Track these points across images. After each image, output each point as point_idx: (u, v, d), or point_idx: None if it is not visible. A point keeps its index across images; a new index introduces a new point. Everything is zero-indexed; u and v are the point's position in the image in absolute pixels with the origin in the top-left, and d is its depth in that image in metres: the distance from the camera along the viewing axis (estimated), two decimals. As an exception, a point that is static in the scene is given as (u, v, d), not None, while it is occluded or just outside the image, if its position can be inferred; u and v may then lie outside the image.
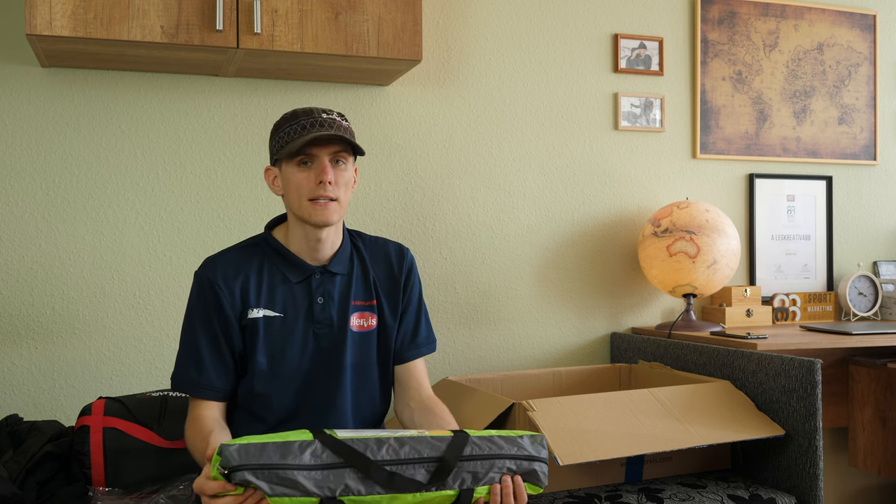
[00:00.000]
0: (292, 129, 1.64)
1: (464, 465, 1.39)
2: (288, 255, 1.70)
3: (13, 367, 2.25)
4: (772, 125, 3.03)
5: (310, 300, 1.70)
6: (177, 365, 1.69)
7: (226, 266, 1.69)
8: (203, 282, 1.68)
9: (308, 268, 1.70)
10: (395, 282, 1.79)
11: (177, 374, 1.68)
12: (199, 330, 1.67)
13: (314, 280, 1.70)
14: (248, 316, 1.67)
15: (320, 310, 1.70)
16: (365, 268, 1.77)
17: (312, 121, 1.63)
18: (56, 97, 2.28)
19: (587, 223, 2.81)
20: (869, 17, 3.17)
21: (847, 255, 3.16)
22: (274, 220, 1.79)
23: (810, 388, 2.04)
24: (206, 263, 1.70)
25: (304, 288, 1.70)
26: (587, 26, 2.80)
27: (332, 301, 1.71)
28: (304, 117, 1.64)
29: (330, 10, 2.18)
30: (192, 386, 1.65)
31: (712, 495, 2.03)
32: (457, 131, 2.66)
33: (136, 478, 1.92)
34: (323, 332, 1.69)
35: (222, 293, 1.66)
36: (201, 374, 1.65)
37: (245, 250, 1.72)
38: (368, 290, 1.76)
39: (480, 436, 1.43)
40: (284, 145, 1.64)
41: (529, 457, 1.44)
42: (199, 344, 1.66)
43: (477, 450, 1.41)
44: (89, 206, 2.31)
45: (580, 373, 2.57)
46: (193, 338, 1.67)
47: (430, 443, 1.39)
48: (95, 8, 2.00)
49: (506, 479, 1.41)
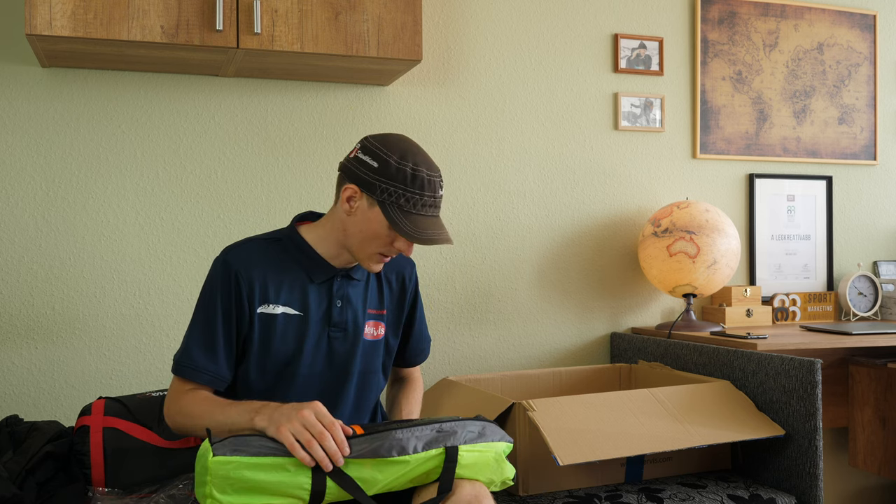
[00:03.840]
0: (421, 201, 1.58)
1: (442, 425, 1.51)
2: (314, 256, 1.68)
3: (13, 367, 2.25)
4: (772, 125, 3.03)
5: (329, 302, 1.68)
6: (186, 349, 1.63)
7: (248, 256, 1.66)
8: (225, 269, 1.64)
9: (331, 269, 1.68)
10: (403, 294, 1.81)
11: (185, 360, 1.62)
12: (219, 319, 1.62)
13: (336, 283, 1.69)
14: (265, 310, 1.64)
15: (338, 313, 1.69)
16: (379, 277, 1.78)
17: (435, 202, 1.60)
18: (56, 97, 2.28)
19: (587, 223, 2.81)
20: (869, 17, 3.17)
21: (847, 255, 3.16)
22: (301, 215, 1.75)
23: (810, 388, 2.04)
24: (229, 251, 1.66)
25: (324, 289, 1.68)
26: (587, 26, 2.80)
27: (349, 305, 1.70)
28: (429, 194, 1.59)
29: (330, 10, 2.18)
30: (203, 374, 1.62)
31: (712, 495, 2.03)
32: (457, 131, 2.66)
33: (136, 478, 1.92)
34: (337, 336, 1.69)
35: (243, 282, 1.63)
36: (215, 363, 1.62)
37: (268, 243, 1.69)
38: (381, 299, 1.77)
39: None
40: (404, 209, 1.57)
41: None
42: (216, 332, 1.62)
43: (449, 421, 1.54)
44: (89, 206, 2.31)
45: (580, 373, 2.57)
46: (211, 326, 1.63)
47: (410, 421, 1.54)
48: (95, 8, 2.00)
49: None
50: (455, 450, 1.49)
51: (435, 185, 1.59)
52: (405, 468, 1.47)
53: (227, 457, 1.38)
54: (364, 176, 1.58)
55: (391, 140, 1.61)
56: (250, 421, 1.46)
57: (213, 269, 1.66)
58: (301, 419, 1.41)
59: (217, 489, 1.37)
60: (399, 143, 1.60)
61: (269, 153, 2.47)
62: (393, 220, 1.57)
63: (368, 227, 1.60)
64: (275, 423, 1.42)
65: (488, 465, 1.54)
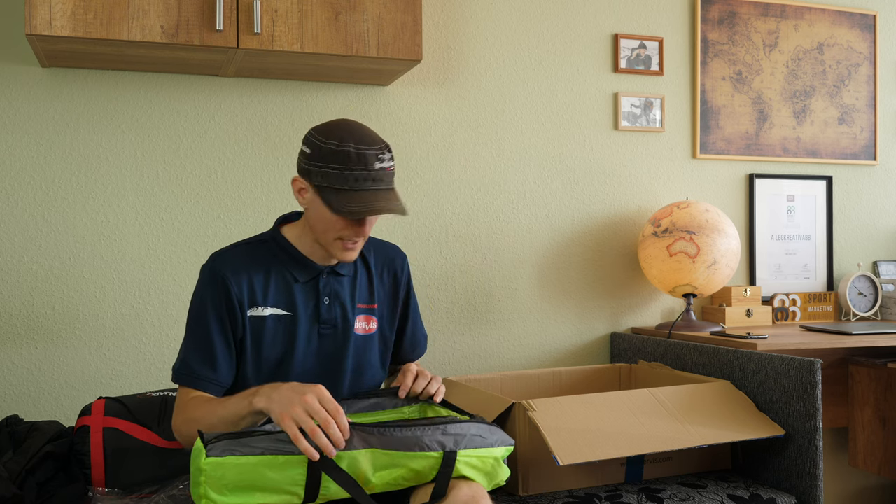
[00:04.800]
0: (352, 175, 1.54)
1: (446, 427, 1.50)
2: (297, 255, 1.69)
3: (13, 367, 2.25)
4: (772, 125, 3.03)
5: (316, 300, 1.69)
6: (183, 360, 1.64)
7: (235, 261, 1.66)
8: (213, 275, 1.65)
9: (316, 268, 1.70)
10: (396, 288, 1.81)
11: (184, 368, 1.63)
12: (212, 325, 1.63)
13: (321, 280, 1.70)
14: (255, 313, 1.65)
15: (326, 310, 1.70)
16: (369, 270, 1.78)
17: (369, 174, 1.54)
18: (56, 97, 2.28)
19: (587, 223, 2.81)
20: (869, 17, 3.17)
21: (847, 255, 3.16)
22: (285, 216, 1.76)
23: (810, 388, 2.04)
24: (215, 257, 1.67)
25: (311, 287, 1.69)
26: (587, 26, 2.80)
27: (337, 301, 1.71)
28: (360, 167, 1.54)
29: (330, 10, 2.18)
30: (203, 382, 1.62)
31: (712, 495, 2.03)
32: (457, 131, 2.66)
33: (136, 478, 1.92)
34: (327, 332, 1.70)
35: (232, 287, 1.63)
36: (215, 370, 1.62)
37: (253, 247, 1.70)
38: (371, 292, 1.77)
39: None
40: (336, 187, 1.54)
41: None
42: (212, 340, 1.63)
43: (451, 423, 1.53)
44: (89, 206, 2.31)
45: (580, 373, 2.56)
46: (205, 333, 1.63)
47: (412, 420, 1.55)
48: (95, 8, 2.00)
49: None
50: (453, 455, 1.49)
51: (366, 158, 1.54)
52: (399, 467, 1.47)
53: (220, 458, 1.38)
54: (304, 165, 1.60)
55: (329, 126, 1.59)
56: (249, 405, 1.46)
57: (202, 277, 1.67)
58: (304, 405, 1.39)
59: (212, 489, 1.38)
60: (334, 128, 1.58)
61: (269, 153, 2.47)
62: (328, 201, 1.55)
63: (319, 215, 1.60)
64: (276, 405, 1.41)
65: (485, 470, 1.55)
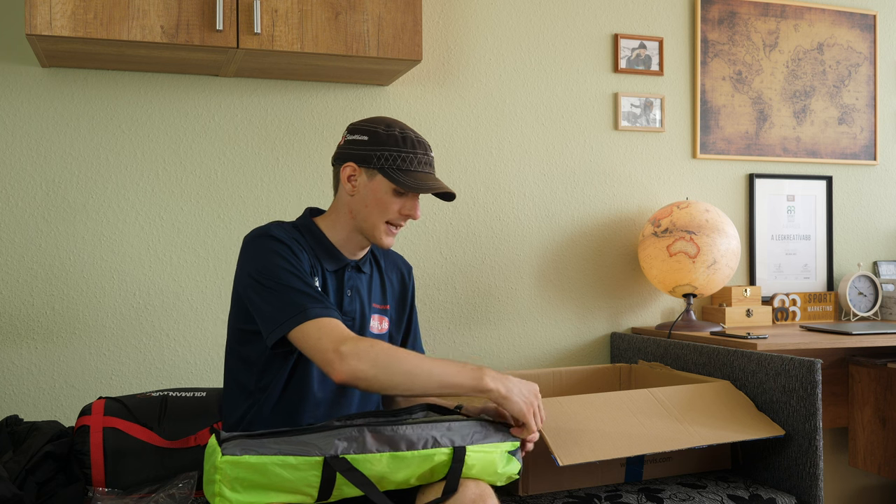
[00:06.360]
0: (416, 159, 1.68)
1: (450, 424, 1.53)
2: (328, 245, 1.73)
3: (13, 367, 2.25)
4: (772, 125, 3.03)
5: (340, 291, 1.73)
6: (295, 303, 1.55)
7: (286, 234, 1.67)
8: (276, 240, 1.63)
9: (344, 259, 1.74)
10: (404, 293, 1.89)
11: (310, 302, 1.56)
12: (301, 270, 1.60)
13: (347, 273, 1.74)
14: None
15: (348, 302, 1.74)
16: (381, 272, 1.85)
17: (428, 160, 1.71)
18: (56, 97, 2.28)
19: (587, 223, 2.81)
20: (869, 17, 3.17)
21: (847, 255, 3.16)
22: (313, 209, 1.81)
23: (810, 388, 2.04)
24: (270, 227, 1.66)
25: (336, 278, 1.74)
26: (587, 26, 2.80)
27: (357, 297, 1.76)
28: (421, 152, 1.69)
29: (330, 10, 2.18)
30: (326, 309, 1.57)
31: (712, 495, 2.03)
32: (457, 131, 2.66)
33: (136, 478, 1.92)
34: (347, 324, 1.70)
35: (296, 250, 1.64)
36: (326, 304, 1.58)
37: (290, 229, 1.71)
38: (384, 294, 1.83)
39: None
40: (402, 168, 1.66)
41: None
42: (306, 282, 1.59)
43: (461, 422, 1.56)
44: (89, 206, 2.31)
45: (580, 373, 2.56)
46: (298, 281, 1.58)
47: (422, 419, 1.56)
48: (95, 8, 2.00)
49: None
50: (462, 450, 1.52)
51: (425, 145, 1.71)
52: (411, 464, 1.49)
53: (236, 456, 1.41)
54: (358, 152, 1.68)
55: (377, 118, 1.74)
56: (478, 381, 1.53)
57: (261, 243, 1.63)
58: (531, 392, 1.58)
59: (227, 487, 1.41)
60: (381, 118, 1.74)
61: (269, 153, 2.47)
62: (396, 180, 1.65)
63: (373, 198, 1.67)
64: (517, 397, 1.55)
65: (494, 463, 1.56)
